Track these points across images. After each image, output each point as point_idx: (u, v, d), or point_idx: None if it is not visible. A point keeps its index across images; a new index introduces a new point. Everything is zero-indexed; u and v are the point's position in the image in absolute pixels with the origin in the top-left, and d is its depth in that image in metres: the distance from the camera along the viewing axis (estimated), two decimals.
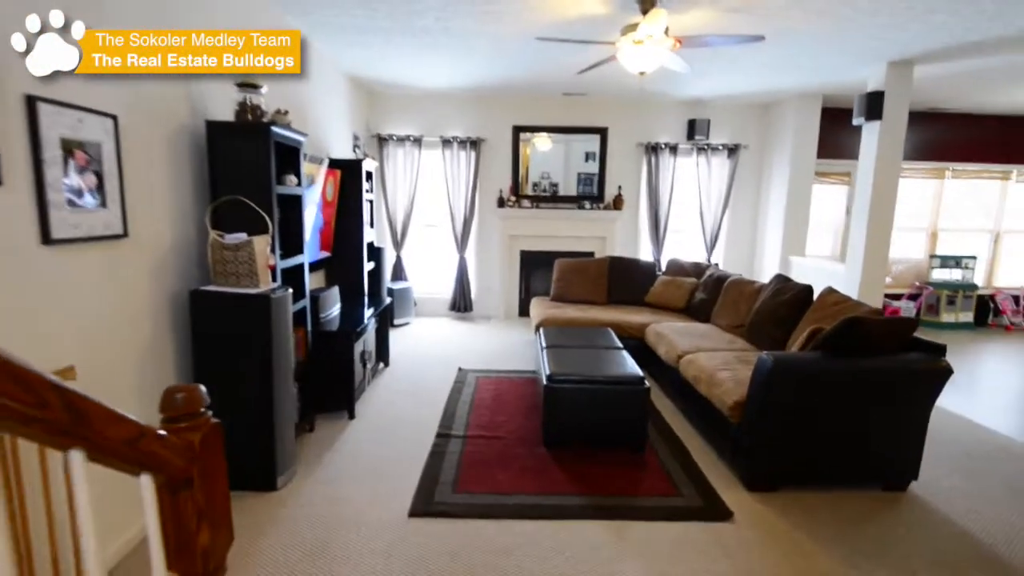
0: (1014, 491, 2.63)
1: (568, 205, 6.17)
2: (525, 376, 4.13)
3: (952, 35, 3.60)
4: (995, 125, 6.38)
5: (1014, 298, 6.45)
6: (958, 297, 6.25)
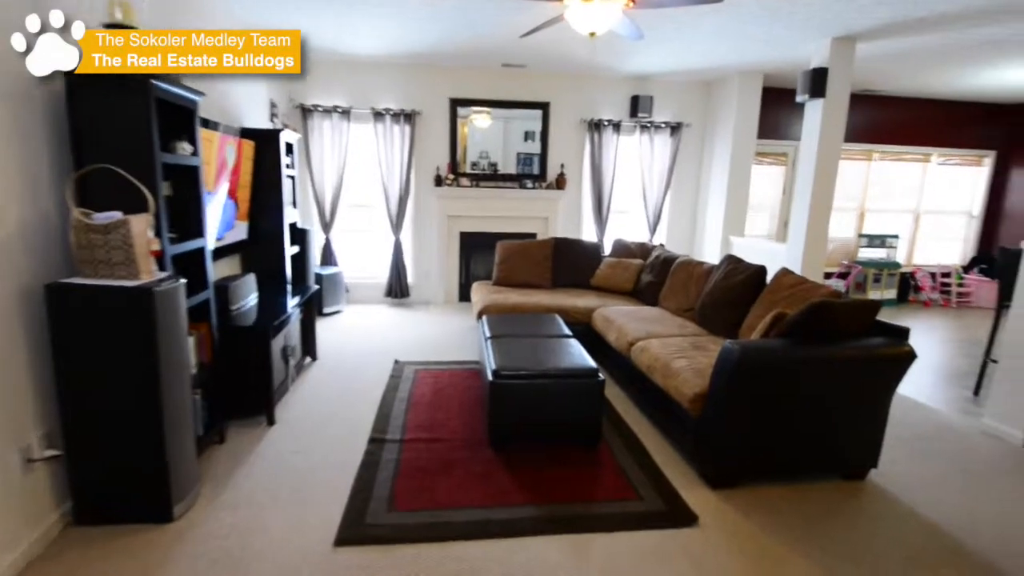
0: (968, 474, 2.65)
1: (510, 184, 5.86)
2: (467, 367, 3.85)
3: (896, 10, 3.58)
4: (918, 109, 6.69)
5: (931, 275, 6.90)
6: (883, 275, 6.59)
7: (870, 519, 2.22)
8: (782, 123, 6.31)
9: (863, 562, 1.95)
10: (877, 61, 4.83)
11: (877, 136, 6.68)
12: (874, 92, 6.31)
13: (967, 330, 5.61)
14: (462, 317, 5.36)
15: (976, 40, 4.19)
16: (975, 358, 4.37)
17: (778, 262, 3.95)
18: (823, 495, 2.37)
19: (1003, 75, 5.37)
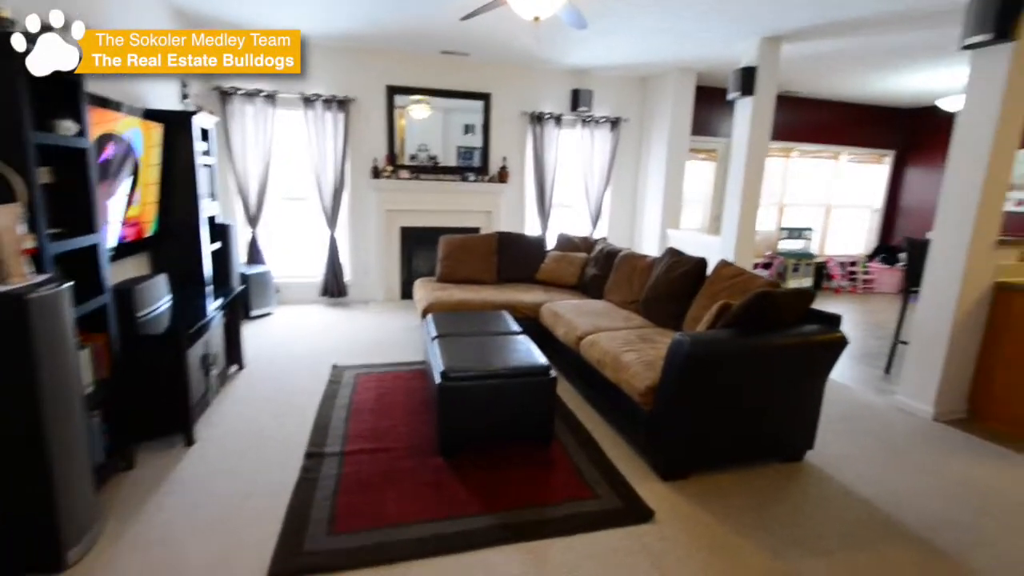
0: (889, 448, 2.83)
1: (451, 177, 5.69)
2: (412, 368, 3.67)
3: (818, 13, 3.77)
4: (831, 111, 7.19)
5: (841, 264, 7.47)
6: (801, 265, 7.05)
7: (811, 500, 2.31)
8: (713, 120, 6.56)
9: (808, 544, 2.01)
10: (798, 63, 5.11)
11: (795, 135, 7.11)
12: (793, 94, 6.71)
13: (873, 314, 6.10)
14: (405, 316, 5.14)
15: (887, 46, 4.53)
16: (884, 339, 4.77)
17: (712, 254, 4.08)
18: (767, 479, 2.45)
19: (905, 81, 5.87)
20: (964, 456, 2.77)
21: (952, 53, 4.46)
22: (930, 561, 1.95)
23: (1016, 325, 3.06)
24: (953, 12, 3.13)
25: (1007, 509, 2.30)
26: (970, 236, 3.00)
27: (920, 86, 6.09)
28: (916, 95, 6.63)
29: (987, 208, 2.97)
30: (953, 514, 2.25)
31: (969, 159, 2.99)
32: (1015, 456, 2.80)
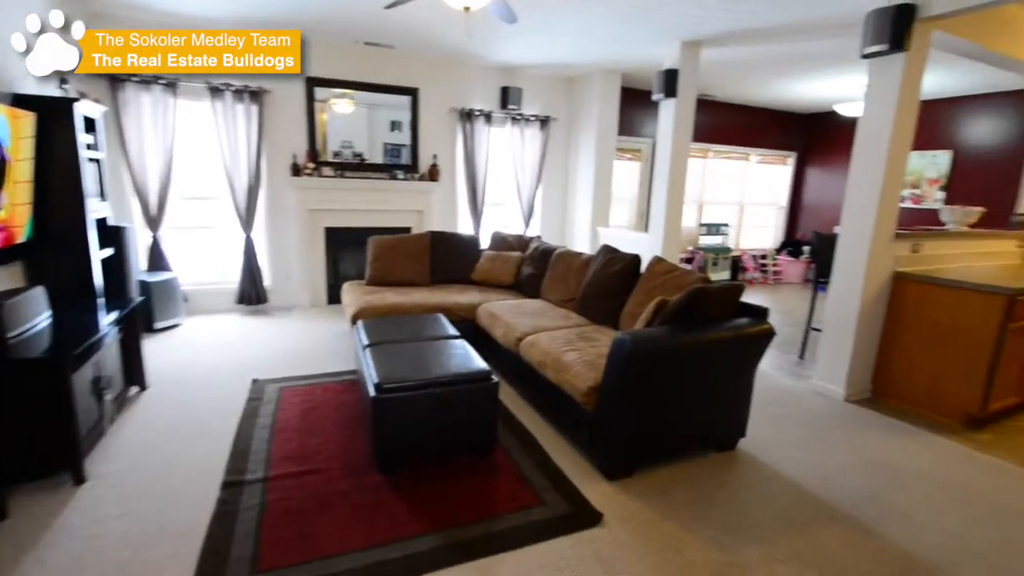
0: (809, 430, 3.01)
1: (379, 175, 5.44)
2: (343, 379, 3.44)
3: (737, 19, 3.96)
4: (742, 114, 7.69)
5: (754, 257, 8.00)
6: (719, 259, 7.46)
7: (746, 487, 2.40)
8: (636, 121, 6.77)
9: (748, 532, 2.07)
10: (715, 68, 5.38)
11: (711, 136, 7.52)
12: (710, 97, 7.08)
13: (783, 303, 6.58)
14: (333, 322, 4.84)
15: (794, 54, 4.86)
16: (794, 327, 5.12)
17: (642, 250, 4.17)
18: (706, 470, 2.51)
19: (807, 87, 6.36)
20: (873, 434, 3.01)
21: (850, 62, 4.88)
22: (856, 537, 2.07)
23: (911, 311, 3.38)
24: (853, 24, 3.39)
25: (914, 481, 2.51)
26: (872, 230, 3.26)
27: (820, 93, 6.64)
28: (816, 101, 7.23)
29: (886, 205, 3.25)
30: (871, 490, 2.42)
31: (870, 160, 3.26)
32: (914, 431, 3.08)
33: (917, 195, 6.73)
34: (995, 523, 2.20)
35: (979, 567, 1.93)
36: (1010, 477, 2.59)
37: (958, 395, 3.15)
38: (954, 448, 2.88)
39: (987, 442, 2.97)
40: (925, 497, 2.38)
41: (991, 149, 6.11)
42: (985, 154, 6.17)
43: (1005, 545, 2.07)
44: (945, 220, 4.31)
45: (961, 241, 3.93)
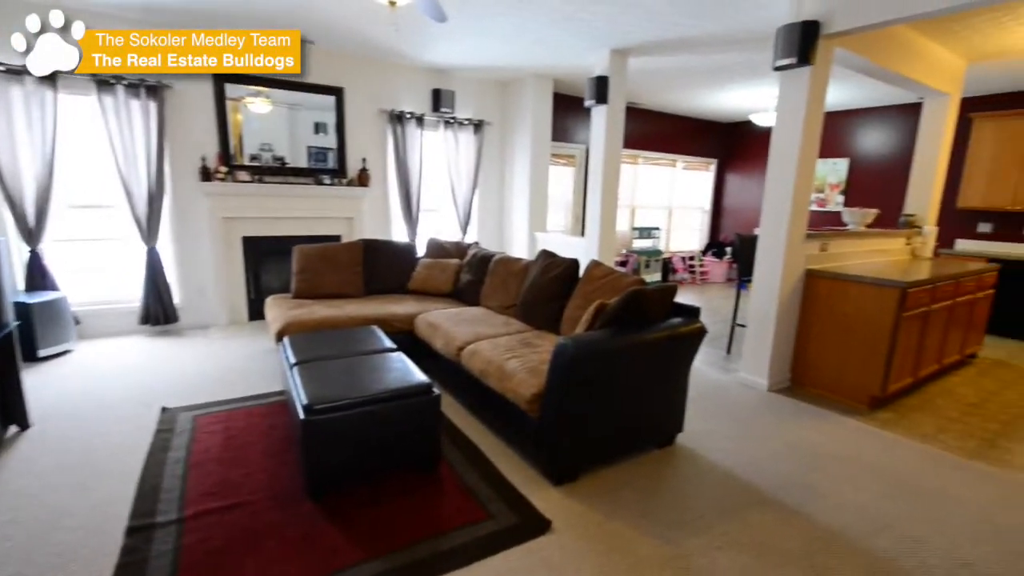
0: (741, 422, 3.15)
1: (304, 180, 5.13)
2: (269, 401, 3.18)
3: (660, 29, 4.11)
4: (668, 122, 8.05)
5: (683, 259, 8.39)
6: (651, 261, 7.76)
7: (686, 481, 2.46)
8: (570, 127, 6.90)
9: (690, 524, 2.12)
10: (642, 77, 5.59)
11: (641, 143, 7.83)
12: (638, 105, 7.36)
13: (710, 301, 6.94)
14: (256, 339, 4.49)
15: (712, 65, 5.14)
16: (721, 323, 5.41)
17: (579, 254, 4.23)
18: (648, 467, 2.56)
19: (725, 97, 6.77)
20: (794, 420, 3.21)
21: (762, 74, 5.23)
22: (785, 519, 2.19)
23: (821, 304, 3.65)
24: (765, 39, 3.62)
25: (830, 462, 2.70)
26: (787, 232, 3.49)
27: (737, 103, 7.10)
28: (733, 111, 7.72)
29: (798, 208, 3.49)
30: (795, 474, 2.56)
31: (783, 167, 3.48)
32: (827, 414, 3.32)
33: (822, 199, 7.36)
34: (899, 495, 2.41)
35: (889, 536, 2.10)
36: (908, 451, 2.85)
37: (863, 379, 3.44)
38: (862, 428, 3.13)
39: (889, 420, 3.26)
40: (840, 476, 2.56)
41: (882, 157, 6.82)
42: (877, 161, 6.87)
43: (909, 513, 2.27)
44: (847, 221, 4.72)
45: (861, 240, 4.31)
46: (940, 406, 3.53)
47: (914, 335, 3.52)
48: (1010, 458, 2.81)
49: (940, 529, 2.16)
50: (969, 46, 4.29)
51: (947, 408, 3.50)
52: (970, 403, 3.61)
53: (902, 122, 6.53)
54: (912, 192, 4.93)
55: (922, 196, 4.85)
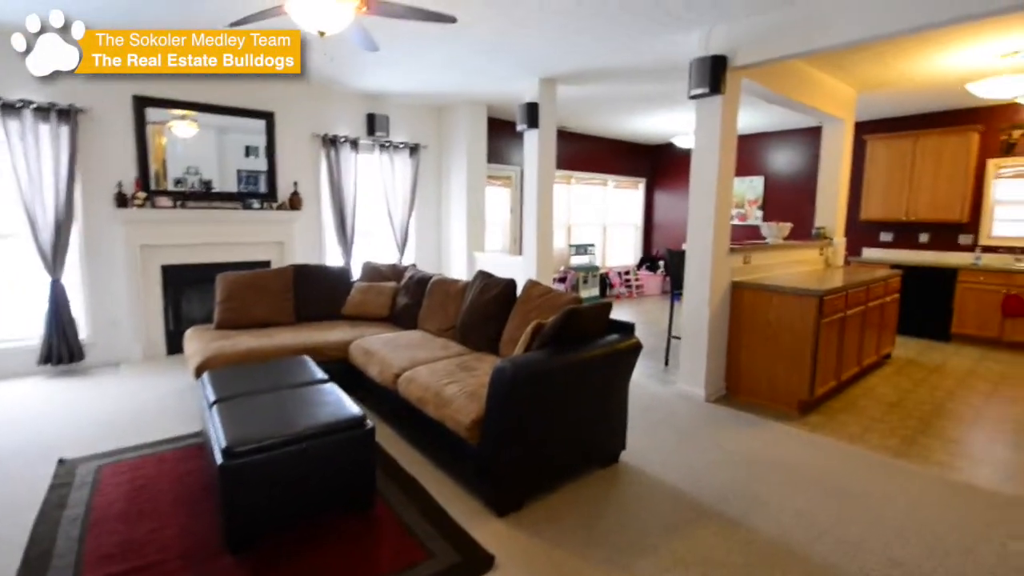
0: (682, 434, 3.21)
1: (231, 204, 4.88)
2: (187, 444, 2.91)
3: (583, 60, 4.28)
4: (598, 144, 8.37)
5: (619, 274, 8.64)
6: (589, 277, 7.93)
7: (631, 500, 2.46)
8: (505, 149, 7.00)
9: (636, 544, 2.11)
10: (572, 103, 5.78)
11: (574, 164, 8.07)
12: (569, 129, 7.61)
13: (647, 314, 7.16)
14: (174, 375, 4.14)
15: (635, 94, 5.42)
16: (658, 336, 5.55)
17: (517, 273, 4.26)
18: (592, 489, 2.53)
19: (649, 122, 7.13)
20: (731, 429, 3.31)
21: (681, 102, 5.55)
22: (729, 532, 2.21)
23: (748, 315, 3.83)
24: (681, 70, 3.84)
25: (768, 470, 2.78)
26: (711, 246, 3.67)
27: (660, 127, 7.49)
28: (657, 134, 8.13)
29: (720, 223, 3.68)
30: (735, 483, 2.62)
31: (703, 185, 3.68)
32: (762, 421, 3.45)
33: (743, 213, 7.85)
34: (833, 498, 2.50)
35: (827, 541, 2.16)
36: (838, 453, 3.00)
37: (791, 385, 3.61)
38: (794, 433, 3.27)
39: (818, 424, 3.43)
40: (778, 482, 2.64)
41: (793, 175, 7.38)
42: (789, 179, 7.43)
43: (843, 516, 2.35)
44: (766, 234, 5.03)
45: (779, 252, 4.61)
46: (863, 406, 3.76)
47: (834, 340, 3.75)
48: (928, 454, 3.00)
49: (873, 530, 2.24)
50: (857, 78, 4.77)
51: (870, 408, 3.73)
52: (890, 402, 3.86)
53: (807, 144, 7.12)
54: (820, 206, 5.35)
55: (829, 210, 5.28)
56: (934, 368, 4.77)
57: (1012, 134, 5.63)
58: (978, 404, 3.89)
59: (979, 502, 2.49)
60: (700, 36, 3.60)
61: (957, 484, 2.66)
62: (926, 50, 3.97)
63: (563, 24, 3.54)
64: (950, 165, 5.79)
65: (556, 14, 3.38)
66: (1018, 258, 5.58)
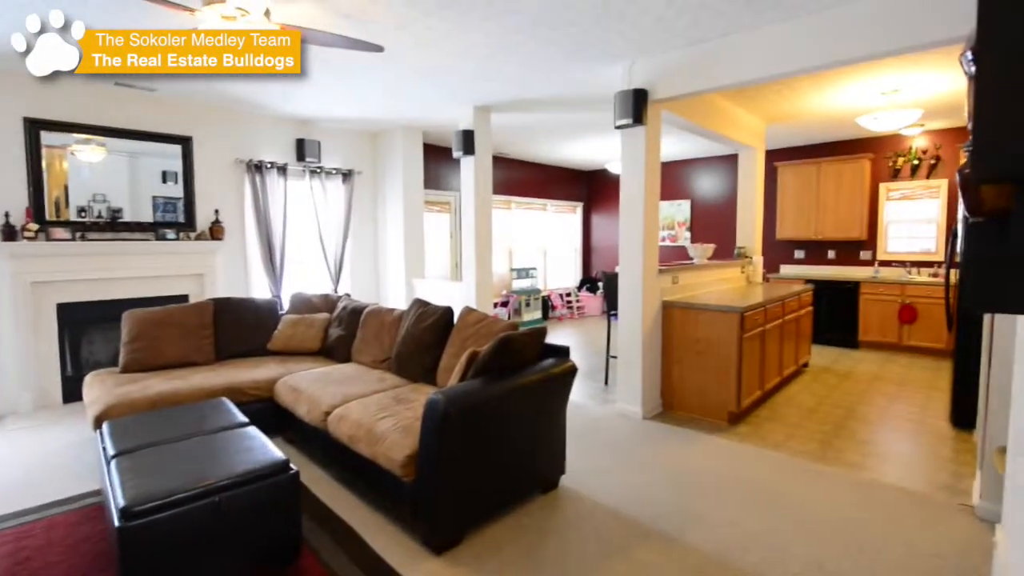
0: (620, 453, 3.24)
1: (142, 235, 4.52)
2: (82, 505, 2.59)
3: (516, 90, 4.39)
4: (536, 170, 8.56)
5: (560, 296, 8.77)
6: (531, 300, 7.99)
7: (571, 525, 2.43)
8: (443, 175, 7.00)
9: (578, 571, 2.08)
10: (509, 130, 5.90)
11: (513, 189, 8.19)
12: (507, 155, 7.74)
13: (587, 334, 7.28)
14: (71, 426, 3.71)
15: (568, 122, 5.61)
16: (599, 356, 5.67)
17: (458, 299, 4.22)
18: (532, 517, 2.49)
19: (581, 149, 7.39)
20: (667, 445, 3.39)
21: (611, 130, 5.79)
22: (667, 550, 2.23)
23: (678, 332, 3.98)
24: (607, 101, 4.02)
25: (702, 483, 2.86)
26: (642, 267, 3.80)
27: (593, 154, 7.79)
28: (591, 161, 8.45)
29: (649, 246, 3.82)
30: (672, 499, 2.66)
31: (632, 210, 3.82)
32: (695, 435, 3.56)
33: (673, 235, 8.25)
34: (761, 505, 2.61)
35: (757, 549, 2.24)
36: (765, 461, 3.14)
37: (721, 397, 3.77)
38: (724, 444, 3.39)
39: (747, 434, 3.58)
40: (711, 495, 2.71)
41: (716, 198, 7.87)
42: (713, 202, 7.91)
43: (771, 523, 2.45)
44: (692, 255, 5.29)
45: (705, 271, 4.85)
46: (785, 414, 3.97)
47: (756, 352, 3.96)
48: (842, 456, 3.21)
49: (797, 534, 2.34)
50: (766, 111, 5.20)
51: (791, 415, 3.94)
52: (808, 408, 4.11)
53: (727, 169, 7.64)
54: (740, 228, 5.72)
55: (748, 231, 5.65)
56: (845, 374, 5.14)
57: (897, 161, 6.32)
58: (884, 405, 4.22)
59: (887, 499, 2.67)
60: (623, 70, 3.79)
61: (868, 483, 2.85)
62: (821, 88, 4.41)
63: (491, 55, 3.62)
64: (849, 189, 6.40)
65: (483, 47, 3.45)
66: (909, 270, 6.20)
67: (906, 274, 6.16)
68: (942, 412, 3.98)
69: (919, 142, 6.17)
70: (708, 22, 3.11)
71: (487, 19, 3.04)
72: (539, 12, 2.96)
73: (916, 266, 6.22)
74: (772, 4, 2.88)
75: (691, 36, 3.31)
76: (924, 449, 3.36)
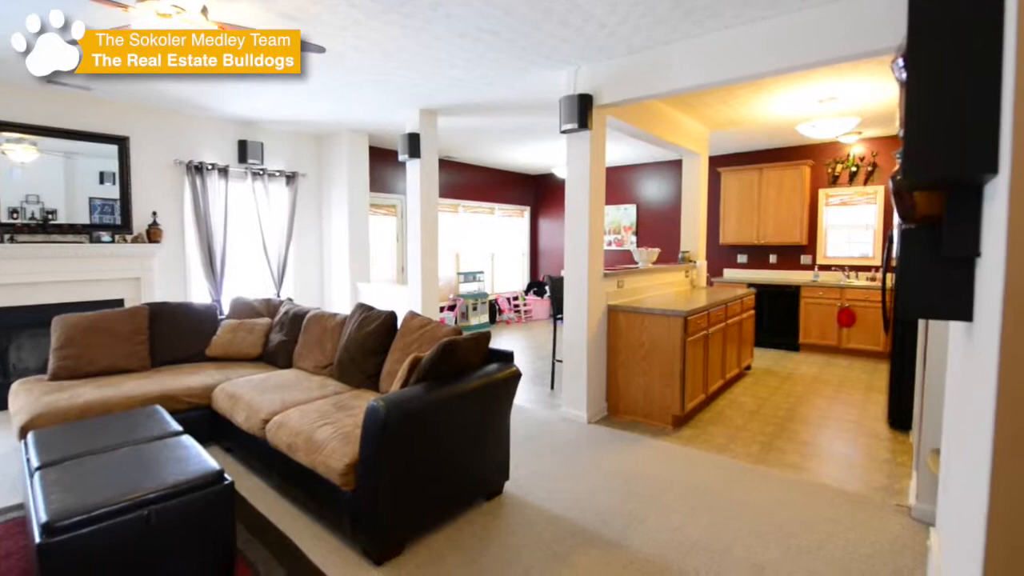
0: (565, 458, 3.24)
1: (75, 237, 4.30)
2: (5, 520, 2.45)
3: (462, 94, 4.42)
4: (483, 174, 8.62)
5: (508, 300, 8.84)
6: (478, 304, 8.02)
7: (515, 532, 2.43)
8: (389, 178, 6.94)
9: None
10: (456, 134, 5.92)
11: (460, 193, 8.22)
12: (453, 159, 7.76)
13: (535, 338, 7.28)
14: None
15: (515, 126, 5.68)
16: (546, 359, 5.72)
17: (403, 303, 4.20)
18: (475, 524, 2.49)
19: (530, 152, 7.50)
20: (611, 449, 3.42)
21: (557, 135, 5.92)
22: (609, 555, 2.25)
23: (623, 335, 4.08)
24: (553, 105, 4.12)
25: (645, 487, 2.87)
26: (587, 272, 3.90)
27: (539, 158, 7.92)
28: (538, 165, 8.59)
29: (594, 249, 3.93)
30: (615, 504, 2.67)
31: (577, 214, 3.93)
32: (640, 439, 3.60)
33: (619, 239, 8.47)
34: (703, 509, 2.61)
35: (698, 553, 2.25)
36: (707, 464, 3.17)
37: (665, 401, 3.84)
38: (668, 448, 3.43)
39: (691, 437, 3.63)
40: (654, 498, 2.73)
41: (661, 203, 8.14)
42: (658, 206, 8.18)
43: (712, 526, 2.46)
44: (637, 259, 5.47)
45: (650, 275, 5.02)
46: (729, 416, 4.05)
47: (700, 356, 4.04)
48: (783, 458, 3.27)
49: (737, 537, 2.35)
50: (708, 118, 5.43)
51: (734, 418, 4.02)
52: (750, 410, 4.19)
53: (671, 175, 7.91)
54: (685, 232, 5.94)
55: (692, 235, 5.88)
56: (787, 376, 5.32)
57: (836, 167, 6.64)
58: (823, 406, 4.35)
59: (826, 500, 2.71)
60: (568, 75, 3.89)
61: (808, 484, 2.89)
62: (760, 95, 4.62)
63: (436, 59, 3.64)
64: (789, 194, 6.71)
65: (429, 49, 3.48)
66: (847, 275, 6.53)
67: (845, 278, 6.42)
68: (880, 414, 4.04)
69: (857, 149, 6.43)
70: (649, 29, 3.19)
71: (431, 22, 3.06)
72: (482, 17, 3.00)
73: (854, 270, 6.48)
74: (711, 14, 3.00)
75: (634, 43, 3.40)
76: (862, 451, 3.41)
